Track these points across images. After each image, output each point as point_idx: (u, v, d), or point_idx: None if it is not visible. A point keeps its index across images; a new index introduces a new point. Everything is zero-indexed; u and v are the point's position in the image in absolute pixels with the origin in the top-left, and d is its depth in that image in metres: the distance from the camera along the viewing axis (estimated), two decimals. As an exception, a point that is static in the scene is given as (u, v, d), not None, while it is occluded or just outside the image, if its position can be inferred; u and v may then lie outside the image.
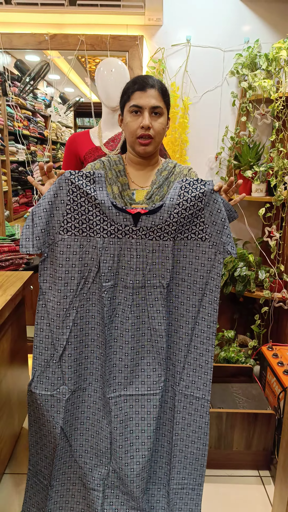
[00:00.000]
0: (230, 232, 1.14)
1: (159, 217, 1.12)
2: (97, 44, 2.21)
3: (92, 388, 1.24)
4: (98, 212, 1.12)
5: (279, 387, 1.76)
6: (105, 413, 1.22)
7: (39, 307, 1.19)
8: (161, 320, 1.18)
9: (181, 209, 1.11)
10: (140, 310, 1.17)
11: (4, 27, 2.23)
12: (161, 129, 1.22)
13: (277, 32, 2.24)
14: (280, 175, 2.05)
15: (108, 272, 1.15)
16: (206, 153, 2.40)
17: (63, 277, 1.15)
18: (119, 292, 1.17)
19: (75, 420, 1.24)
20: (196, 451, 1.24)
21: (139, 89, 1.18)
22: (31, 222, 1.11)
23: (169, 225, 1.12)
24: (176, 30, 2.23)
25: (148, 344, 1.19)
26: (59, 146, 4.09)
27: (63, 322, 1.17)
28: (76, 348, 1.20)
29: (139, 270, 1.15)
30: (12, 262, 2.04)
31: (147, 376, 1.20)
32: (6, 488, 1.62)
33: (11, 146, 3.02)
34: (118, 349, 1.18)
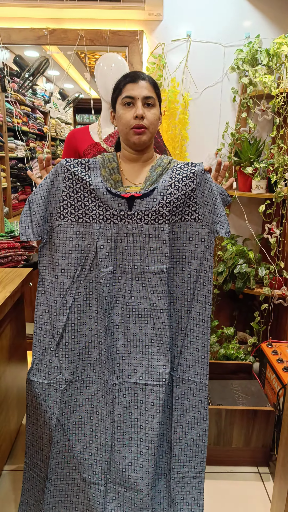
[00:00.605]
0: (223, 212, 1.14)
1: (153, 199, 1.13)
2: (96, 39, 2.19)
3: (90, 379, 1.23)
4: (94, 198, 1.13)
5: (278, 384, 1.76)
6: (105, 403, 1.21)
7: (39, 293, 1.20)
8: (163, 307, 1.17)
9: (173, 190, 1.13)
10: (141, 296, 1.17)
11: (3, 22, 2.21)
12: (154, 120, 1.21)
13: (278, 27, 2.22)
14: (281, 171, 2.04)
15: (106, 257, 1.15)
16: (206, 149, 2.38)
17: (60, 263, 1.16)
18: (118, 278, 1.17)
19: (73, 413, 1.24)
20: (196, 437, 1.25)
21: (131, 81, 1.19)
22: (28, 210, 1.12)
23: (163, 207, 1.13)
24: (177, 25, 2.22)
25: (151, 332, 1.18)
26: (59, 143, 4.07)
27: (60, 309, 1.18)
28: (73, 337, 1.19)
29: (137, 255, 1.16)
30: (12, 259, 2.03)
31: (151, 365, 1.19)
32: (5, 484, 1.62)
33: (10, 142, 3.00)
34: (120, 335, 1.18)
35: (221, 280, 2.29)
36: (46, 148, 3.73)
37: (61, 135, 4.07)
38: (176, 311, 1.22)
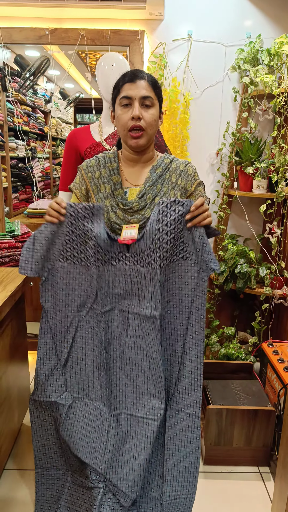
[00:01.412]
0: (211, 249, 1.14)
1: (143, 243, 1.13)
2: (97, 39, 2.19)
3: (92, 405, 1.26)
4: (94, 245, 1.14)
5: (279, 384, 1.76)
6: (100, 433, 1.24)
7: (42, 324, 1.25)
8: (156, 350, 1.18)
9: (162, 234, 1.10)
10: (137, 335, 1.19)
11: (3, 21, 2.21)
12: (152, 121, 1.18)
13: (279, 26, 2.22)
14: (282, 171, 2.04)
15: (105, 297, 1.18)
16: (207, 149, 2.38)
17: (63, 299, 1.22)
18: (116, 316, 1.19)
19: (75, 433, 1.26)
20: (188, 465, 1.26)
21: (129, 81, 1.17)
22: (32, 246, 1.16)
23: (154, 252, 1.12)
24: (177, 24, 2.22)
25: (147, 370, 1.20)
26: (59, 142, 4.07)
27: (64, 337, 1.24)
28: (76, 363, 1.25)
29: (135, 295, 1.18)
30: (12, 258, 2.03)
31: (147, 399, 1.21)
32: (6, 483, 1.62)
33: (11, 142, 3.00)
34: (117, 370, 1.21)
35: (222, 280, 2.29)
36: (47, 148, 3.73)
37: (61, 134, 4.07)
38: (169, 346, 1.23)
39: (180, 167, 1.26)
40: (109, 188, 1.25)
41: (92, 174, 1.27)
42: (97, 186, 1.27)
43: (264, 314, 2.31)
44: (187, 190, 1.24)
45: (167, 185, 1.24)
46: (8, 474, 1.67)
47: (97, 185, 1.27)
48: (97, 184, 1.27)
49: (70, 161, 1.82)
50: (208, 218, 1.11)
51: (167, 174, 1.26)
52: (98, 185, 1.27)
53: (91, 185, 1.27)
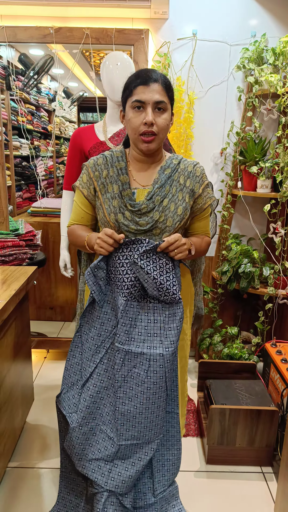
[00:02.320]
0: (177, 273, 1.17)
1: (152, 294, 1.14)
2: (102, 38, 2.19)
3: (98, 428, 1.25)
4: (134, 279, 1.14)
5: (282, 384, 1.76)
6: (106, 455, 1.24)
7: (75, 337, 1.28)
8: (174, 382, 1.22)
9: (159, 278, 1.11)
10: (158, 376, 1.15)
11: (8, 20, 2.22)
12: (165, 125, 1.16)
13: (284, 26, 2.21)
14: (286, 171, 2.03)
15: (124, 335, 1.15)
16: (211, 148, 2.38)
17: (101, 317, 1.22)
18: (134, 357, 1.15)
19: (75, 455, 1.27)
20: (172, 457, 1.32)
21: (142, 84, 1.13)
22: (94, 279, 1.19)
23: (166, 294, 1.13)
24: (182, 23, 2.21)
25: (162, 404, 1.19)
26: (63, 141, 4.07)
27: (92, 356, 1.23)
28: (95, 385, 1.23)
29: (156, 336, 1.16)
30: (16, 257, 2.04)
31: (150, 429, 1.21)
32: (10, 481, 1.63)
33: (14, 140, 3.01)
34: (132, 408, 1.18)
35: (225, 279, 2.28)
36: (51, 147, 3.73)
37: (65, 133, 4.07)
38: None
39: (189, 168, 1.25)
40: (117, 188, 1.22)
41: (100, 173, 1.24)
42: (104, 185, 1.24)
43: (268, 314, 2.31)
44: (195, 192, 1.23)
45: (176, 186, 1.22)
46: (11, 472, 1.67)
47: (105, 185, 1.24)
48: (105, 184, 1.24)
49: (74, 160, 1.82)
50: (179, 254, 1.14)
51: (175, 175, 1.23)
52: (105, 185, 1.24)
53: (98, 184, 1.24)
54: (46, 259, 2.34)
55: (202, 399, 2.03)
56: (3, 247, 1.99)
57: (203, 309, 1.64)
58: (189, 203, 1.23)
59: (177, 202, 1.21)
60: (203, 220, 1.31)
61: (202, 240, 1.31)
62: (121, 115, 1.24)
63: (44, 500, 1.54)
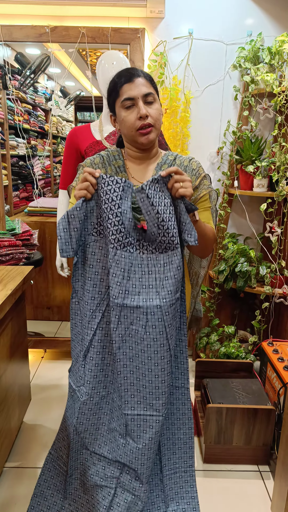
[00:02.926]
0: (190, 223, 1.06)
1: (151, 233, 1.09)
2: (98, 37, 2.18)
3: (110, 396, 1.22)
4: (117, 222, 1.07)
5: (279, 383, 1.76)
6: (119, 425, 1.21)
7: (73, 304, 1.20)
8: (175, 337, 1.15)
9: (163, 214, 1.05)
10: (157, 332, 1.10)
11: (4, 19, 2.21)
12: (158, 115, 1.18)
13: (280, 25, 2.21)
14: (282, 170, 2.03)
15: (117, 287, 1.09)
16: (207, 147, 2.38)
17: (92, 278, 1.14)
18: (130, 312, 1.10)
19: (91, 426, 1.24)
20: (183, 435, 1.27)
21: (127, 82, 1.15)
22: (67, 225, 1.08)
23: (165, 235, 1.07)
24: (178, 23, 2.21)
25: (167, 366, 1.13)
26: (60, 140, 4.06)
27: (88, 323, 1.17)
28: (98, 353, 1.18)
29: (152, 288, 1.10)
30: (13, 257, 2.03)
31: (156, 398, 1.16)
32: (7, 481, 1.63)
33: (11, 140, 3.00)
34: (134, 369, 1.14)
35: (222, 278, 2.29)
36: (47, 146, 3.73)
37: (62, 133, 4.06)
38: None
39: (184, 163, 1.26)
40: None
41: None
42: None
43: (264, 313, 2.31)
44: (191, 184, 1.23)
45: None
46: (8, 472, 1.67)
47: None
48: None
49: (71, 159, 1.82)
50: (183, 189, 1.05)
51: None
52: None
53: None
54: (43, 258, 2.34)
55: (199, 398, 2.03)
56: (0, 247, 1.98)
57: (201, 311, 1.62)
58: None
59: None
60: (202, 211, 1.27)
61: (205, 224, 1.23)
62: (112, 119, 1.25)
63: (41, 500, 1.54)
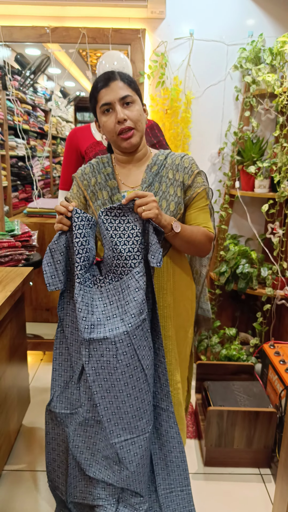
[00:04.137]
0: (157, 245, 1.06)
1: (108, 258, 1.11)
2: (98, 37, 2.18)
3: (101, 424, 1.20)
4: (86, 258, 1.09)
5: (280, 385, 1.75)
6: (111, 453, 1.20)
7: (58, 333, 1.21)
8: (149, 359, 1.13)
9: (117, 238, 1.08)
10: (129, 357, 1.08)
11: (4, 20, 2.20)
12: (138, 116, 1.15)
13: (281, 25, 2.21)
14: (284, 171, 2.02)
15: (83, 322, 1.07)
16: (208, 148, 2.37)
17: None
18: (99, 344, 1.08)
19: (87, 449, 1.23)
20: (175, 459, 1.27)
21: (103, 87, 1.14)
22: (51, 259, 1.10)
23: (119, 258, 1.09)
24: (179, 23, 2.20)
25: (144, 386, 1.13)
26: (59, 141, 4.05)
27: (80, 348, 1.16)
28: (89, 375, 1.16)
29: (116, 317, 1.10)
30: (12, 258, 2.02)
31: (140, 418, 1.16)
32: (6, 484, 1.61)
33: (11, 140, 2.99)
34: (113, 399, 1.12)
35: (223, 280, 2.27)
36: (47, 147, 3.72)
37: (62, 133, 4.05)
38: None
39: (176, 161, 1.21)
40: (106, 194, 1.22)
41: (88, 181, 1.25)
42: (94, 193, 1.24)
43: (266, 315, 2.30)
44: (184, 184, 1.20)
45: (165, 182, 1.20)
46: (7, 475, 1.66)
47: (94, 192, 1.24)
48: (94, 191, 1.24)
49: (71, 160, 1.81)
50: (146, 212, 1.04)
51: (163, 171, 1.21)
52: (95, 192, 1.24)
53: (88, 193, 1.24)
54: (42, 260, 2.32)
55: (200, 400, 2.02)
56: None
57: (210, 311, 1.56)
58: (181, 197, 1.20)
59: (168, 198, 1.19)
60: (197, 211, 1.23)
61: (197, 228, 1.21)
62: (97, 125, 1.24)
63: (40, 503, 1.53)
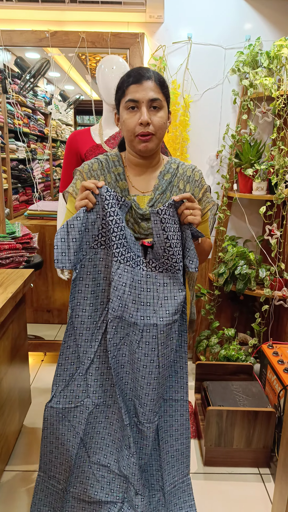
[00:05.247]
0: (194, 251, 1.08)
1: (156, 253, 1.09)
2: (97, 42, 2.20)
3: (117, 406, 1.21)
4: (121, 236, 1.07)
5: (279, 385, 1.77)
6: (123, 436, 1.21)
7: (68, 326, 1.17)
8: (169, 357, 1.14)
9: (171, 240, 1.06)
10: (150, 348, 1.10)
11: (4, 24, 2.22)
12: (161, 124, 1.10)
13: (278, 29, 2.23)
14: (281, 173, 2.04)
15: (117, 301, 1.08)
16: (207, 151, 2.39)
17: (95, 291, 1.13)
18: (127, 325, 1.10)
19: (97, 434, 1.24)
20: (180, 446, 1.28)
21: (134, 82, 1.07)
22: (66, 235, 1.04)
23: (169, 258, 1.08)
24: (177, 27, 2.23)
25: (154, 382, 1.14)
26: (59, 144, 4.08)
27: (92, 335, 1.16)
28: (104, 362, 1.18)
29: (150, 305, 1.10)
30: (13, 260, 2.04)
31: (149, 410, 1.17)
32: (7, 484, 1.62)
33: (11, 143, 3.01)
34: (124, 374, 1.16)
35: (221, 281, 2.29)
36: (47, 150, 3.74)
37: (61, 136, 4.07)
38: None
39: (187, 173, 1.21)
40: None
41: (96, 178, 1.19)
42: None
43: (264, 316, 2.32)
44: (195, 197, 1.20)
45: (176, 192, 1.19)
46: (9, 475, 1.67)
47: None
48: None
49: (71, 163, 1.83)
50: (191, 217, 1.04)
51: (175, 181, 1.20)
52: None
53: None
54: (43, 261, 2.34)
55: (199, 401, 2.03)
56: (0, 250, 1.99)
57: (195, 314, 1.61)
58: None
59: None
60: (202, 224, 1.26)
61: (204, 240, 1.24)
62: (116, 117, 1.19)
63: (42, 503, 1.54)
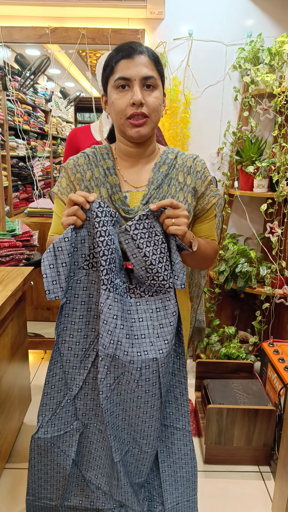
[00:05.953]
0: (180, 265, 0.96)
1: (139, 276, 0.96)
2: (98, 38, 2.19)
3: (107, 433, 1.15)
4: (112, 260, 0.93)
5: (279, 383, 1.76)
6: (113, 469, 1.17)
7: (53, 353, 1.07)
8: (182, 382, 1.05)
9: (151, 257, 0.92)
10: (150, 384, 0.98)
11: (4, 20, 2.21)
12: (157, 105, 0.95)
13: (280, 26, 2.22)
14: (282, 170, 2.03)
15: (108, 336, 0.93)
16: (208, 148, 2.38)
17: (84, 316, 1.01)
18: (121, 364, 0.96)
19: (88, 453, 1.20)
20: (186, 474, 1.22)
21: (125, 57, 0.92)
22: (54, 260, 0.91)
23: (155, 278, 0.95)
24: (178, 23, 2.21)
25: (156, 413, 1.05)
26: (60, 141, 4.07)
27: (80, 363, 1.05)
28: (93, 389, 1.09)
29: (145, 337, 0.96)
30: (13, 258, 2.03)
31: (148, 435, 1.10)
32: (7, 482, 1.62)
33: (11, 141, 3.00)
34: (120, 412, 1.07)
35: (222, 279, 2.29)
36: (47, 147, 3.73)
37: (62, 133, 4.06)
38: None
39: (188, 163, 1.07)
40: (106, 192, 1.01)
41: (82, 174, 1.04)
42: (89, 189, 1.03)
43: (265, 314, 2.31)
44: (197, 190, 1.06)
45: (175, 186, 1.04)
46: (9, 473, 1.67)
47: (89, 189, 1.03)
48: (89, 187, 1.03)
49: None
50: (175, 227, 0.89)
51: (173, 173, 1.04)
52: (90, 189, 1.03)
53: (81, 188, 1.04)
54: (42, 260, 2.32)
55: (199, 399, 2.03)
56: (0, 248, 1.98)
57: (204, 321, 1.50)
58: (191, 204, 1.05)
59: None
60: (207, 222, 1.11)
61: (207, 242, 1.09)
62: (103, 100, 1.03)
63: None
